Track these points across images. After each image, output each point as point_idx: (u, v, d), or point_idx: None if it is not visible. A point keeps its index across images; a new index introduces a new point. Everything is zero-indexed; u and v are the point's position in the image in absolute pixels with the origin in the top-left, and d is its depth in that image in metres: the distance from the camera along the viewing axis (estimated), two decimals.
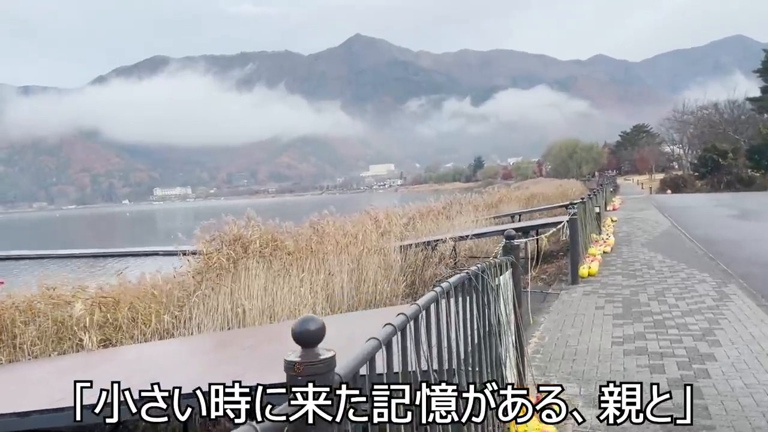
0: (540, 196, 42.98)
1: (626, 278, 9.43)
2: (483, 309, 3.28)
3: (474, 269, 3.24)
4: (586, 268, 9.88)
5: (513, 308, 3.95)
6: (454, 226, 23.75)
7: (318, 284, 13.63)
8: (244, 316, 12.26)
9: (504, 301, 3.68)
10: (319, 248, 15.13)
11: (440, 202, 29.53)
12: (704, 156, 52.18)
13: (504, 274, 3.78)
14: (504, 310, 3.63)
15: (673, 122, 76.28)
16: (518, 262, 4.09)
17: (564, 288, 8.95)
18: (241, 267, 13.14)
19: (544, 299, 8.10)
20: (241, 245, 13.98)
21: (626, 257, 11.91)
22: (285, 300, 12.70)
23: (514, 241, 4.09)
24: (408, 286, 15.24)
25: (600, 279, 9.52)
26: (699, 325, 6.22)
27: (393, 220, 21.34)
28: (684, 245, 13.22)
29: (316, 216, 17.70)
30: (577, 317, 6.93)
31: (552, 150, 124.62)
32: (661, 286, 8.60)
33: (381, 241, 17.12)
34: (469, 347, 3.12)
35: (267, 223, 15.21)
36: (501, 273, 3.78)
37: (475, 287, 3.23)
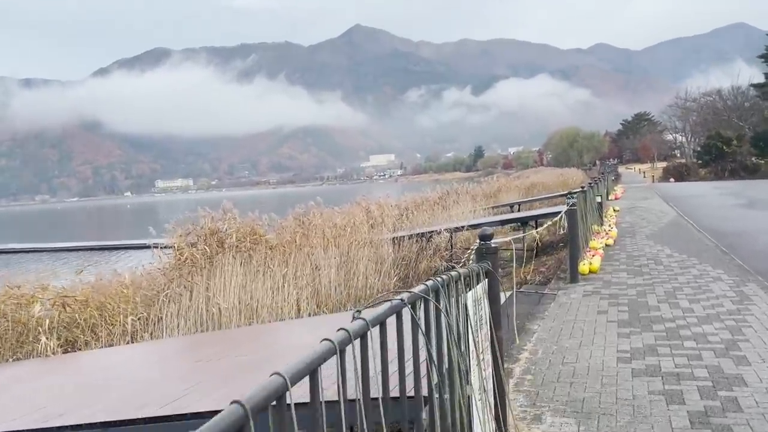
0: (540, 185, 42.10)
1: (631, 275, 8.47)
2: (441, 341, 2.34)
3: (431, 284, 2.30)
4: (587, 263, 8.92)
5: (490, 333, 3.01)
6: (450, 216, 22.82)
7: (303, 280, 12.72)
8: (220, 316, 11.34)
9: (474, 327, 2.74)
10: (305, 242, 14.21)
11: (436, 192, 28.64)
12: (708, 143, 51.15)
13: (476, 287, 2.85)
14: (473, 339, 2.69)
15: (676, 110, 75.08)
16: (497, 268, 3.13)
17: (562, 287, 8.00)
18: (218, 263, 12.23)
19: (539, 301, 7.16)
20: (217, 240, 13.07)
21: (630, 251, 10.95)
22: (265, 298, 11.79)
23: (492, 241, 3.13)
24: (401, 280, 14.36)
25: (602, 276, 8.57)
26: (720, 335, 5.27)
27: (385, 211, 20.42)
28: (692, 237, 12.25)
29: (301, 207, 16.79)
30: (576, 324, 5.98)
31: (553, 139, 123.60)
32: (671, 285, 7.64)
33: (372, 233, 16.18)
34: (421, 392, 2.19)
35: (246, 215, 14.31)
36: (473, 286, 2.85)
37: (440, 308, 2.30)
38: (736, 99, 61.86)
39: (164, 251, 12.46)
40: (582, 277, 8.51)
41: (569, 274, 8.42)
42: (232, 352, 8.15)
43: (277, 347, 7.80)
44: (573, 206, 8.31)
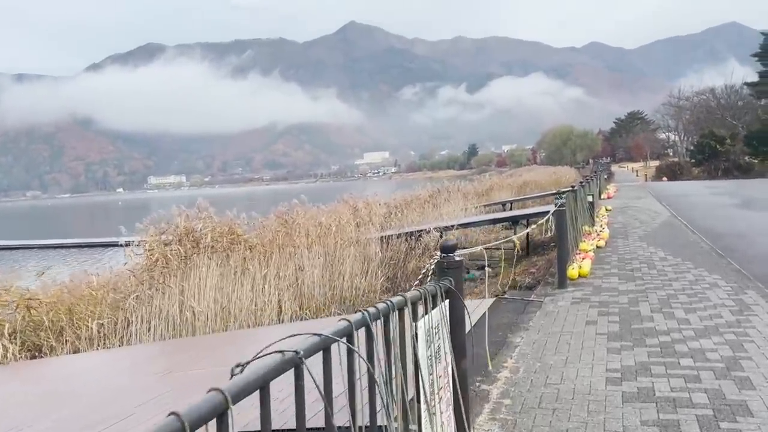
0: (533, 183, 41.78)
1: (623, 281, 7.98)
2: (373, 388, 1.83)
3: (357, 318, 1.78)
4: (576, 267, 8.42)
5: (452, 367, 2.48)
6: (441, 215, 22.36)
7: (285, 281, 12.20)
8: (195, 320, 10.80)
9: (431, 358, 2.23)
10: (288, 241, 13.70)
11: (426, 189, 28.17)
12: (701, 142, 50.84)
13: (433, 311, 2.33)
14: (426, 373, 2.17)
15: (669, 108, 74.88)
16: (461, 286, 2.61)
17: (549, 293, 7.50)
18: (193, 264, 11.69)
19: (524, 309, 6.65)
20: (192, 240, 12.53)
21: (622, 253, 10.46)
22: (244, 300, 11.26)
23: (456, 254, 2.61)
24: (389, 280, 13.89)
25: (592, 281, 8.07)
26: (720, 351, 4.77)
27: (373, 210, 19.93)
28: (687, 239, 11.78)
29: (284, 206, 16.29)
30: (563, 337, 5.47)
31: (546, 137, 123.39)
32: (665, 291, 7.15)
33: (359, 233, 15.68)
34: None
35: (224, 213, 13.78)
36: (432, 307, 2.34)
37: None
38: (729, 98, 61.62)
39: (136, 251, 11.92)
40: (571, 282, 8.01)
41: (557, 278, 7.91)
42: (203, 360, 7.64)
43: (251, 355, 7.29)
44: (561, 207, 7.81)
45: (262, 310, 11.18)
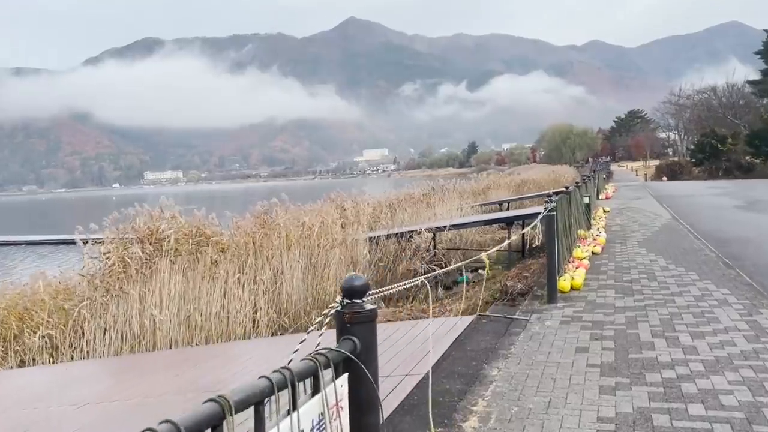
0: (531, 182, 40.95)
1: (620, 295, 7.10)
2: None
3: None
4: (568, 279, 7.55)
5: None
6: (435, 215, 21.51)
7: (262, 285, 11.31)
8: (155, 331, 9.90)
9: None
10: (267, 243, 12.80)
11: (419, 188, 27.31)
12: (702, 141, 49.97)
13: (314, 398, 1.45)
14: None
15: (669, 107, 74.04)
16: (373, 350, 1.71)
17: (537, 309, 6.62)
18: (155, 269, 10.81)
19: (506, 330, 5.77)
20: (155, 241, 11.63)
21: (620, 260, 9.59)
22: (213, 307, 10.36)
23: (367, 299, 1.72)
24: (377, 284, 13.03)
25: (586, 295, 7.19)
26: (736, 394, 3.90)
27: (361, 209, 19.04)
28: (690, 245, 10.90)
29: (263, 204, 15.39)
30: (547, 370, 4.59)
31: (546, 135, 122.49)
32: (667, 309, 6.27)
33: (345, 233, 14.79)
34: None
35: (193, 213, 12.88)
36: (322, 388, 1.46)
37: None
38: (731, 96, 60.74)
39: (91, 253, 11.00)
40: (562, 296, 7.14)
41: (546, 292, 7.03)
42: (154, 384, 6.71)
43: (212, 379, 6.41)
44: (551, 211, 6.91)
45: (234, 319, 10.32)
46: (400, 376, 4.56)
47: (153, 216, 11.68)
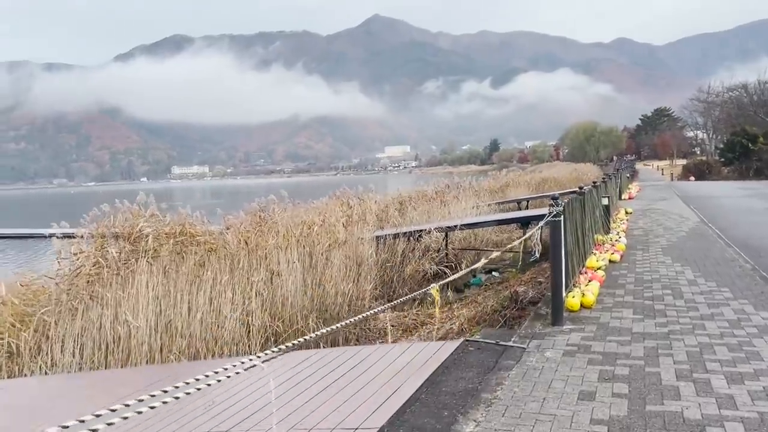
0: (552, 180, 39.63)
1: (639, 316, 6.00)
2: None
3: None
4: (578, 295, 6.47)
5: None
6: (450, 213, 20.49)
7: (256, 287, 10.38)
8: (130, 342, 8.99)
9: None
10: (261, 242, 11.89)
11: (432, 186, 26.34)
12: (732, 140, 48.08)
13: None
14: None
15: (698, 104, 71.81)
16: None
17: (537, 334, 5.56)
18: (136, 270, 9.95)
19: (496, 363, 4.73)
20: (134, 241, 10.78)
21: (641, 271, 8.46)
22: (198, 313, 9.43)
23: None
24: (384, 285, 12.11)
25: (598, 316, 6.10)
26: None
27: (368, 207, 18.07)
28: (721, 253, 9.72)
29: (260, 201, 14.51)
30: (539, 426, 3.55)
31: (570, 133, 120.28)
32: (696, 339, 5.17)
33: (350, 232, 13.83)
34: None
35: (178, 210, 12.02)
36: None
37: None
38: (762, 94, 58.46)
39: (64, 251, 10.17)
40: (570, 316, 6.06)
41: (551, 312, 5.96)
42: (114, 412, 5.78)
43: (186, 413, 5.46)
44: (556, 216, 5.83)
45: (223, 323, 9.41)
46: (347, 430, 3.56)
47: (133, 213, 10.85)
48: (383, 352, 5.35)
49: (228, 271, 10.26)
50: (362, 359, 5.21)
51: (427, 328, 9.66)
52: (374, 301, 11.13)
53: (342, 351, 5.77)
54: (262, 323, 9.78)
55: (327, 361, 5.43)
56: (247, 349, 9.17)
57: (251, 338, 9.50)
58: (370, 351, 5.53)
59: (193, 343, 9.25)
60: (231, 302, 9.56)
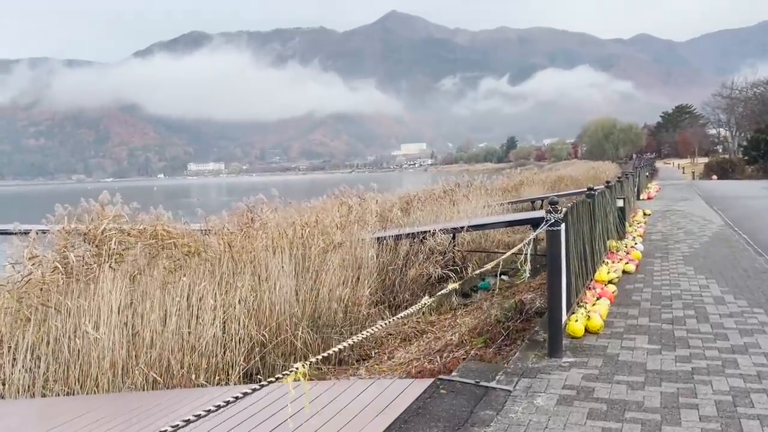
0: (568, 179, 38.40)
1: (656, 346, 4.96)
2: None
3: None
4: (583, 317, 5.42)
5: None
6: (459, 212, 19.46)
7: (240, 293, 9.39)
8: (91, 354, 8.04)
9: None
10: (247, 245, 10.93)
11: (439, 184, 25.30)
12: (756, 138, 46.48)
13: None
14: None
15: (720, 101, 69.96)
16: None
17: (529, 369, 4.53)
18: (101, 276, 9.01)
19: (470, 414, 3.72)
20: (98, 244, 9.87)
21: (659, 285, 7.39)
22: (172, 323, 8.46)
23: None
24: (386, 289, 11.16)
25: (606, 344, 5.06)
26: None
27: (368, 207, 17.06)
28: (751, 263, 8.60)
29: (249, 201, 13.54)
30: None
31: (588, 130, 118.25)
32: (728, 382, 4.11)
33: (347, 234, 12.83)
34: None
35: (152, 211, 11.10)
36: None
37: None
38: None
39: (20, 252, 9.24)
40: (571, 344, 5.03)
41: (548, 341, 4.93)
42: None
43: None
44: (554, 225, 4.78)
45: (201, 332, 8.47)
46: None
47: (98, 214, 9.95)
48: (333, 394, 4.36)
49: (208, 276, 9.33)
50: (313, 398, 4.25)
51: (427, 337, 8.83)
52: (373, 307, 10.20)
53: (294, 386, 4.78)
54: (246, 332, 8.84)
55: (273, 399, 4.49)
56: (228, 360, 8.22)
57: (233, 349, 8.56)
58: (320, 391, 4.54)
59: (165, 355, 8.30)
60: (212, 309, 8.63)
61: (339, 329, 8.99)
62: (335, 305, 9.62)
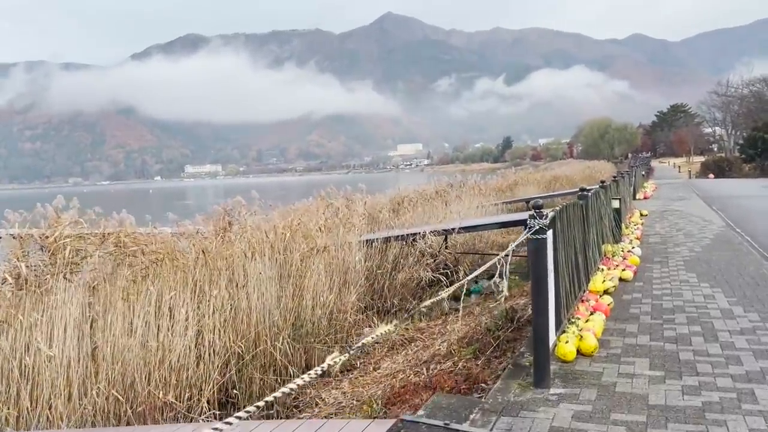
0: (563, 178, 37.85)
1: (658, 373, 4.28)
2: None
3: None
4: (574, 337, 4.74)
5: None
6: (451, 212, 18.80)
7: (215, 302, 8.67)
8: (42, 373, 7.33)
9: None
10: (223, 250, 10.18)
11: (429, 184, 24.64)
12: (754, 136, 45.92)
13: None
14: None
15: (716, 99, 69.46)
16: None
17: (510, 404, 3.85)
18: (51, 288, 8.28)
19: None
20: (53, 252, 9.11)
21: (659, 295, 6.71)
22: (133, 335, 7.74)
23: None
24: (375, 294, 10.53)
25: (600, 371, 4.38)
26: None
27: (355, 208, 16.35)
28: (758, 269, 7.93)
29: (226, 204, 12.80)
30: None
31: (584, 130, 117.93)
32: (746, 424, 3.43)
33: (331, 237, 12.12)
34: None
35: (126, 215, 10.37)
36: None
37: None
38: None
39: None
40: (561, 370, 4.35)
41: (533, 367, 4.25)
42: None
43: None
44: (539, 234, 4.09)
45: (171, 345, 7.76)
46: None
47: (53, 220, 9.24)
48: None
49: (180, 284, 8.62)
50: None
51: (415, 345, 8.21)
52: (360, 313, 9.53)
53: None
54: (222, 343, 8.14)
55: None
56: (201, 374, 7.50)
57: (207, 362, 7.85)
58: (269, 428, 3.85)
59: (129, 372, 7.57)
60: (184, 320, 7.92)
61: (323, 338, 8.35)
62: (319, 312, 8.96)
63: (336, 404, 6.52)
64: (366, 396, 5.84)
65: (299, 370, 7.95)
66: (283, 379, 7.74)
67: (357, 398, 6.20)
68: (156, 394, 6.91)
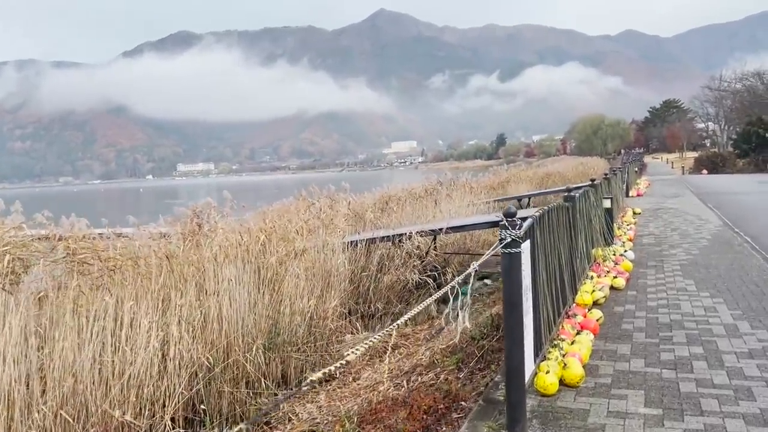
0: (556, 175, 37.24)
1: (655, 412, 3.58)
2: None
3: None
4: (556, 365, 4.04)
5: None
6: (441, 211, 18.09)
7: (177, 314, 7.88)
8: None
9: None
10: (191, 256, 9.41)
11: (419, 183, 23.95)
12: (747, 131, 45.32)
13: None
14: None
15: (709, 94, 68.95)
16: None
17: None
18: None
19: None
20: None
21: (654, 307, 6.02)
22: (88, 349, 6.95)
23: None
24: (358, 299, 9.87)
25: (587, 409, 3.67)
26: None
27: (338, 208, 15.60)
28: (762, 276, 7.24)
29: (196, 206, 12.01)
30: None
31: (577, 126, 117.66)
32: None
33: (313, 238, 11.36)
34: None
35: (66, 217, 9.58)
36: None
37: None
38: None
39: None
40: (540, 407, 3.65)
41: (506, 404, 3.54)
42: None
43: None
44: (514, 245, 3.36)
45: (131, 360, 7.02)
46: None
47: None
48: None
49: (142, 293, 7.86)
50: None
51: (399, 353, 7.59)
52: (342, 319, 8.82)
53: None
54: (190, 356, 7.39)
55: None
56: (165, 389, 6.75)
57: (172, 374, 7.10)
58: None
59: (82, 390, 6.79)
60: (146, 331, 7.16)
61: (301, 346, 7.65)
62: (298, 319, 8.23)
63: (309, 420, 5.91)
64: (343, 411, 5.35)
65: (274, 383, 7.24)
66: (255, 392, 7.03)
67: (333, 413, 5.65)
68: (110, 414, 6.16)
